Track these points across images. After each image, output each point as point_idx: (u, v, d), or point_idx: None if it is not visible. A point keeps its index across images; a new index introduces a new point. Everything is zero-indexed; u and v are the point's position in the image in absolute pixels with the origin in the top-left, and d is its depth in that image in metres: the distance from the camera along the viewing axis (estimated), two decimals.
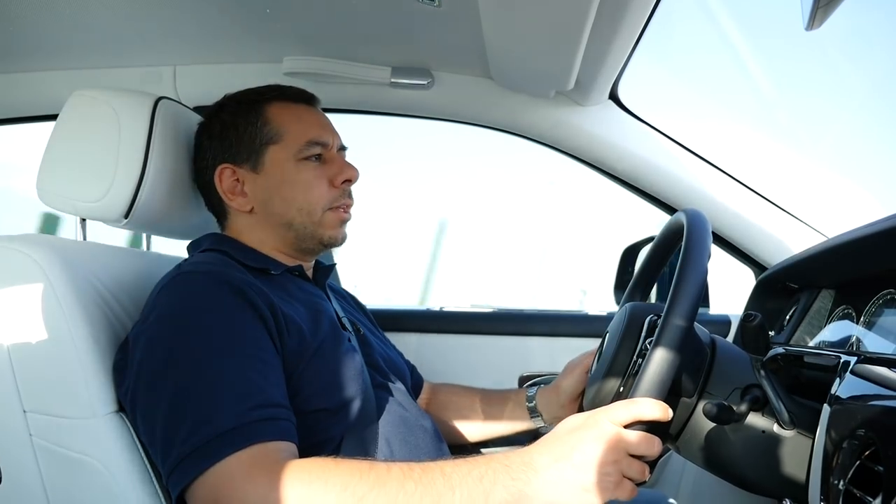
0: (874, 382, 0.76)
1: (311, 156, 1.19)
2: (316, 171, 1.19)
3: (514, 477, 0.83)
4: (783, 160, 1.86)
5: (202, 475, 0.85)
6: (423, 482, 0.83)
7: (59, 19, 1.44)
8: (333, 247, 1.24)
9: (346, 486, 0.82)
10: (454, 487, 0.83)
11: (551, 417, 1.32)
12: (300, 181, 1.18)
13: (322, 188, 1.19)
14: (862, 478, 0.68)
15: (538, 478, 0.82)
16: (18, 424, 0.99)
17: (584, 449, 0.82)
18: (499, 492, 0.82)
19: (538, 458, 0.84)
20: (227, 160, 1.20)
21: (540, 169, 6.74)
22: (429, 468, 0.85)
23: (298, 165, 1.18)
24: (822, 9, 0.64)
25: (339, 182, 1.20)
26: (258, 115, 1.20)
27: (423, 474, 0.84)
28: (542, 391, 1.34)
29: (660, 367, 0.83)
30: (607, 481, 0.81)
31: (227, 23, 1.48)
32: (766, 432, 0.92)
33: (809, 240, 1.59)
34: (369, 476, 0.83)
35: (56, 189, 1.16)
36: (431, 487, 0.82)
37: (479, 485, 0.82)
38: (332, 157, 1.22)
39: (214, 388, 0.89)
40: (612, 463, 0.81)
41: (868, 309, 1.06)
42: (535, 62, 1.43)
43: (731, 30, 3.10)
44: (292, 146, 1.18)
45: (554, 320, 1.85)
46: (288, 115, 1.21)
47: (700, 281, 0.88)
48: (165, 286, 1.03)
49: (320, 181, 1.19)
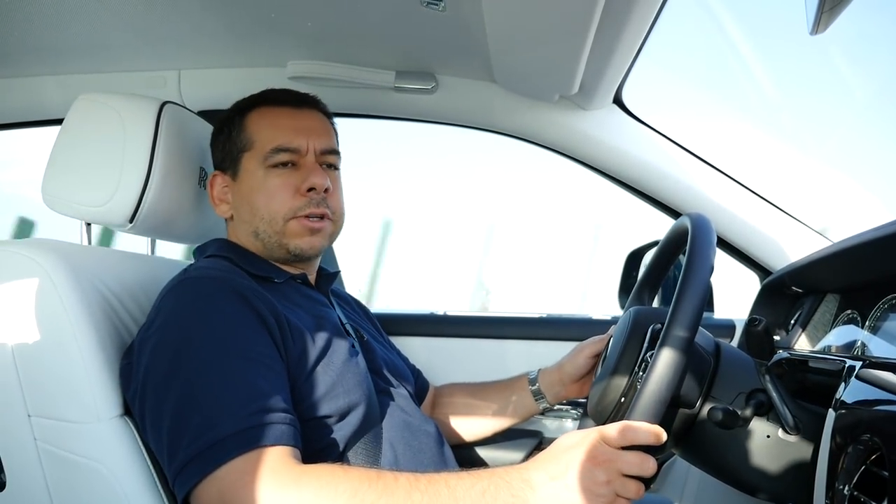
0: (879, 387, 0.75)
1: (279, 163, 1.16)
2: (283, 179, 1.16)
3: (514, 493, 0.84)
4: (788, 164, 1.86)
5: (206, 478, 0.85)
6: (429, 493, 0.84)
7: (64, 23, 1.45)
8: (303, 258, 1.19)
9: (356, 493, 0.83)
10: (458, 500, 0.84)
11: (554, 397, 1.35)
12: (264, 189, 1.16)
13: (285, 196, 1.15)
14: (867, 483, 0.68)
15: (535, 495, 0.83)
16: (23, 429, 0.99)
17: (578, 469, 0.82)
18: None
19: (535, 476, 0.85)
20: (217, 167, 1.22)
21: (546, 174, 6.74)
22: (434, 480, 0.86)
23: (267, 172, 1.16)
24: (826, 13, 0.64)
25: (304, 190, 1.16)
26: (240, 122, 1.20)
27: (428, 485, 0.85)
28: (545, 372, 1.36)
29: (658, 387, 0.83)
30: (600, 501, 0.81)
31: (231, 27, 1.49)
32: (770, 437, 0.92)
33: (814, 244, 1.58)
34: (378, 484, 0.84)
35: (61, 193, 1.17)
36: (437, 499, 0.84)
37: (481, 499, 0.84)
38: (305, 164, 1.18)
39: (218, 393, 0.90)
40: (604, 483, 0.82)
41: (873, 313, 1.06)
42: (539, 66, 1.43)
43: (736, 34, 3.09)
44: (260, 153, 1.17)
45: (559, 324, 1.84)
46: (263, 121, 1.19)
47: (703, 288, 0.88)
48: (171, 291, 1.03)
49: (284, 189, 1.15)
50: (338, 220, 1.22)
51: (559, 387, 1.34)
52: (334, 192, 1.20)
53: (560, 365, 1.34)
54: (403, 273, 4.20)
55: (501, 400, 1.39)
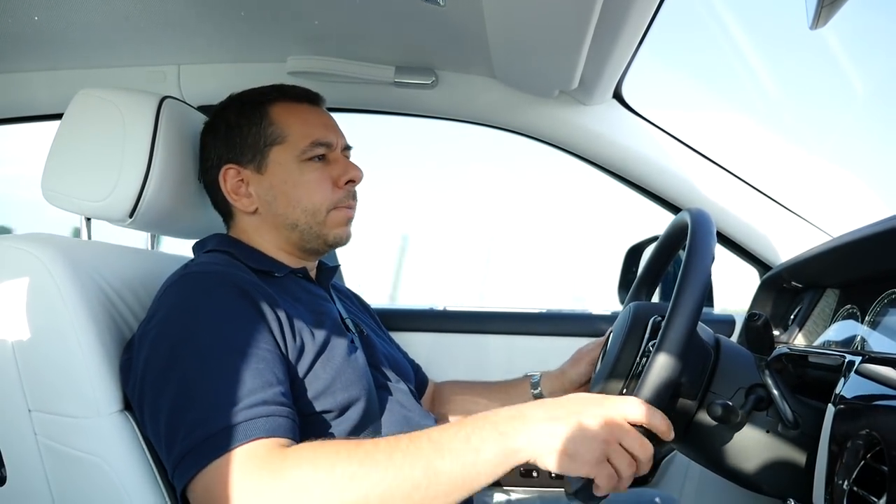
0: (879, 382, 0.76)
1: (315, 156, 1.19)
2: (320, 172, 1.19)
3: (502, 431, 0.82)
4: (788, 159, 1.86)
5: (200, 472, 0.85)
6: (411, 450, 0.82)
7: (63, 18, 1.45)
8: (339, 246, 1.24)
9: (335, 466, 0.81)
10: (443, 451, 0.82)
11: None
12: (304, 182, 1.18)
13: (326, 189, 1.19)
14: (866, 478, 0.68)
15: (526, 429, 0.81)
16: (23, 423, 0.99)
17: (582, 418, 0.81)
18: (488, 448, 0.81)
19: (531, 412, 0.83)
20: (231, 160, 1.20)
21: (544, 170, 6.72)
22: (416, 437, 0.84)
23: (302, 166, 1.18)
24: (826, 8, 0.64)
25: (342, 182, 1.20)
26: (262, 115, 1.20)
27: (410, 443, 0.83)
28: (547, 376, 1.36)
29: (661, 374, 0.83)
30: (592, 456, 0.80)
31: (231, 22, 1.49)
32: (770, 432, 0.92)
33: (814, 239, 1.58)
34: (357, 453, 0.83)
35: (61, 188, 1.17)
36: (420, 454, 0.82)
37: (466, 444, 0.82)
38: (336, 158, 1.22)
39: (214, 387, 0.90)
40: (603, 441, 0.80)
41: (873, 308, 1.06)
42: (539, 61, 1.43)
43: (736, 28, 3.09)
44: (296, 147, 1.18)
45: (560, 320, 1.85)
46: (292, 115, 1.21)
47: (704, 282, 0.88)
48: (171, 286, 1.03)
49: (324, 182, 1.19)
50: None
51: (561, 393, 1.31)
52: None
53: (563, 370, 1.33)
54: (405, 268, 4.21)
55: (502, 401, 1.38)
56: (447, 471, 0.81)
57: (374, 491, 0.80)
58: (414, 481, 0.81)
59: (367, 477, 0.81)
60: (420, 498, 0.81)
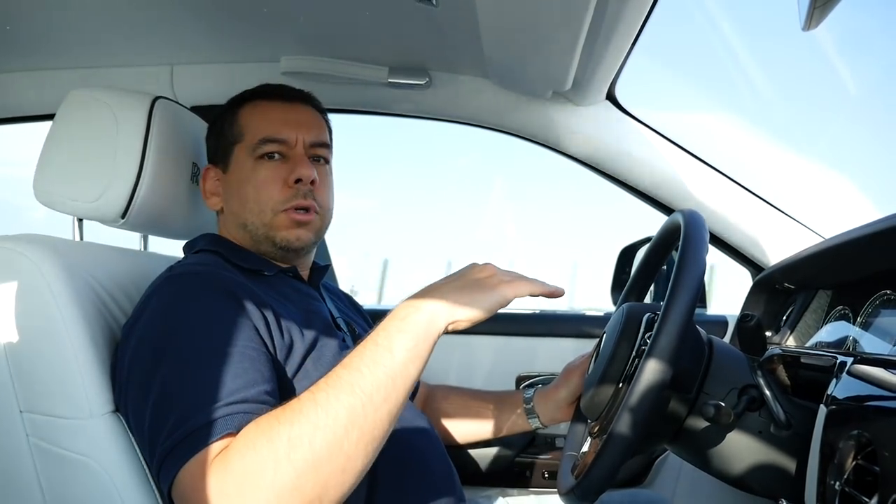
0: (870, 383, 0.76)
1: (267, 154, 1.17)
2: (272, 171, 1.16)
3: (401, 317, 0.86)
4: (780, 161, 1.86)
5: (179, 472, 0.82)
6: (331, 384, 0.82)
7: (55, 18, 1.44)
8: (290, 250, 1.18)
9: (272, 439, 0.78)
10: (359, 368, 0.82)
11: (548, 419, 1.33)
12: (253, 180, 1.16)
13: (273, 188, 1.15)
14: (858, 478, 0.68)
15: (423, 305, 0.87)
16: (15, 424, 0.98)
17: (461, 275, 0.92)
18: (398, 340, 0.84)
19: (416, 296, 0.89)
20: (210, 161, 1.24)
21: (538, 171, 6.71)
22: (331, 372, 0.84)
23: (256, 164, 1.17)
24: (818, 9, 0.64)
25: (290, 181, 1.16)
26: (233, 115, 1.21)
27: (328, 378, 0.83)
28: (540, 394, 1.34)
29: (656, 370, 0.83)
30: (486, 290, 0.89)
31: (224, 22, 1.48)
32: (762, 433, 0.92)
33: (806, 240, 1.59)
34: (285, 415, 0.80)
35: (53, 188, 1.16)
36: (339, 382, 0.81)
37: (377, 349, 0.83)
38: (295, 156, 1.18)
39: (196, 389, 0.87)
40: (486, 278, 0.91)
41: (865, 309, 1.06)
42: (533, 62, 1.43)
43: (729, 31, 3.10)
44: (249, 144, 1.17)
45: (551, 321, 1.85)
46: (256, 113, 1.20)
47: (697, 281, 0.88)
48: (155, 289, 1.02)
49: (273, 181, 1.16)
50: (325, 214, 1.22)
51: (554, 409, 1.31)
52: (322, 185, 1.20)
53: (555, 387, 1.31)
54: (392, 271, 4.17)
55: (494, 412, 1.38)
56: (372, 382, 0.81)
57: (316, 440, 0.78)
58: (349, 409, 0.80)
59: (302, 432, 0.78)
60: (365, 421, 0.80)
